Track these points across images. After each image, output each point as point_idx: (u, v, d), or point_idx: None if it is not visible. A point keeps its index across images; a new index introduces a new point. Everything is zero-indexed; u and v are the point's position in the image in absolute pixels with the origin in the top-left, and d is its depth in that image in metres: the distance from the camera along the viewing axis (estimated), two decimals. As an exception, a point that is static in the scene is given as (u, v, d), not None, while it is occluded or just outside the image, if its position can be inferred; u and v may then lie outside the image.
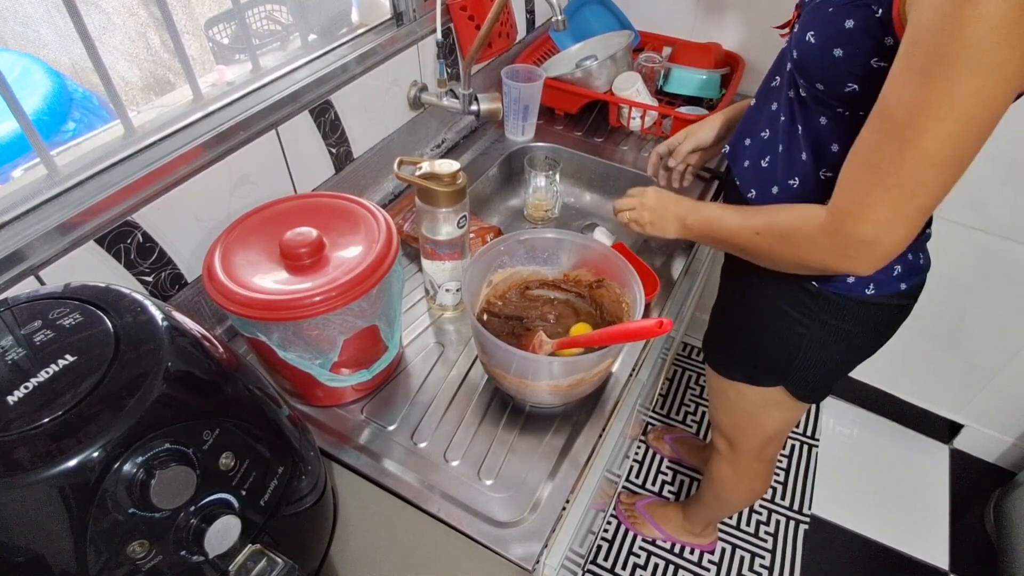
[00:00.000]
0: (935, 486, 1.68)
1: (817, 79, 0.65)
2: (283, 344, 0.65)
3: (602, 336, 0.67)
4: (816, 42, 0.63)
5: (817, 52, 0.64)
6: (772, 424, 1.00)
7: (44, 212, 0.63)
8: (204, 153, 0.75)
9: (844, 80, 0.62)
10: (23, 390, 0.40)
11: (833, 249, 0.62)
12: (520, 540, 0.64)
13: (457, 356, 0.83)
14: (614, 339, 0.66)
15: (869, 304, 0.77)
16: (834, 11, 0.61)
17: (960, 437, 1.73)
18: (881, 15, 0.57)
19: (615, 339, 0.66)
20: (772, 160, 0.78)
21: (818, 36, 0.63)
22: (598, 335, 0.68)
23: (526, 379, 0.69)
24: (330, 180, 0.97)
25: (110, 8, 1.65)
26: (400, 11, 1.02)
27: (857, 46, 0.60)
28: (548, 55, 1.40)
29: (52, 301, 0.47)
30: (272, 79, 0.86)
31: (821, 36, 0.63)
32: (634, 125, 1.27)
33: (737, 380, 0.96)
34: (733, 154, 0.86)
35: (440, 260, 0.82)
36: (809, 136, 0.71)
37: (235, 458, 0.47)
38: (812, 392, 0.92)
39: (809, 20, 0.65)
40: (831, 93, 0.65)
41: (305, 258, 0.64)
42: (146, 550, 0.42)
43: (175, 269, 0.77)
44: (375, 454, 0.71)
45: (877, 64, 0.59)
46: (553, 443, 0.73)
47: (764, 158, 0.79)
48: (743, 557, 1.52)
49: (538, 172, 1.10)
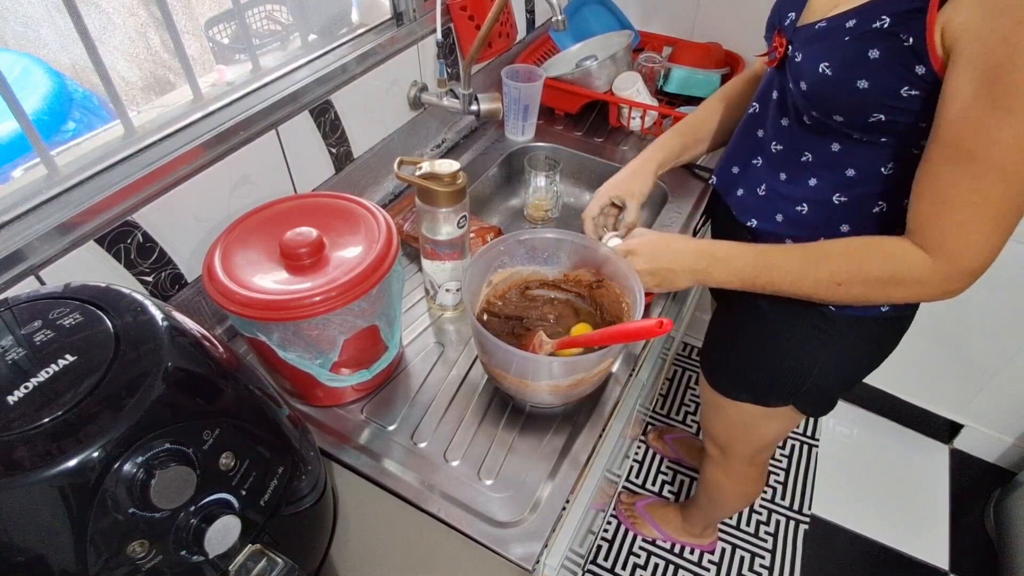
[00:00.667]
0: (935, 486, 1.68)
1: (836, 111, 0.63)
2: (283, 344, 0.65)
3: (602, 336, 0.67)
4: (834, 74, 0.61)
5: (837, 84, 0.61)
6: (770, 434, 1.00)
7: (44, 212, 0.63)
8: (204, 153, 0.75)
9: (869, 111, 0.61)
10: (23, 390, 0.40)
11: (943, 285, 0.61)
12: (520, 540, 0.64)
13: (457, 356, 0.83)
14: (614, 339, 0.66)
15: (883, 320, 0.77)
16: (852, 40, 0.59)
17: (960, 437, 1.73)
18: (913, 44, 0.56)
19: (615, 339, 0.66)
20: (770, 188, 0.76)
21: (836, 67, 0.61)
22: (598, 335, 0.68)
23: (526, 379, 0.69)
24: (330, 180, 0.97)
25: (110, 8, 1.65)
26: (400, 11, 1.02)
27: (885, 77, 0.58)
28: (548, 55, 1.40)
29: (52, 301, 0.47)
30: (272, 79, 0.86)
31: (840, 67, 0.60)
32: (634, 125, 1.27)
33: (743, 400, 0.94)
34: (723, 185, 0.85)
35: (440, 260, 0.82)
36: (819, 163, 0.70)
37: (235, 458, 0.47)
38: (822, 407, 0.91)
39: (818, 49, 0.63)
40: (852, 124, 0.63)
41: (305, 258, 0.64)
42: (146, 550, 0.42)
43: (175, 269, 0.77)
44: (375, 454, 0.71)
45: (908, 93, 0.58)
46: (553, 443, 0.73)
47: (760, 186, 0.78)
48: (743, 557, 1.52)
49: (538, 172, 1.10)
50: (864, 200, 0.70)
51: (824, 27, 0.63)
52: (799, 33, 0.67)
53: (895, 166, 0.66)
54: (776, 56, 0.71)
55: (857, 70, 0.59)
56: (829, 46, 0.61)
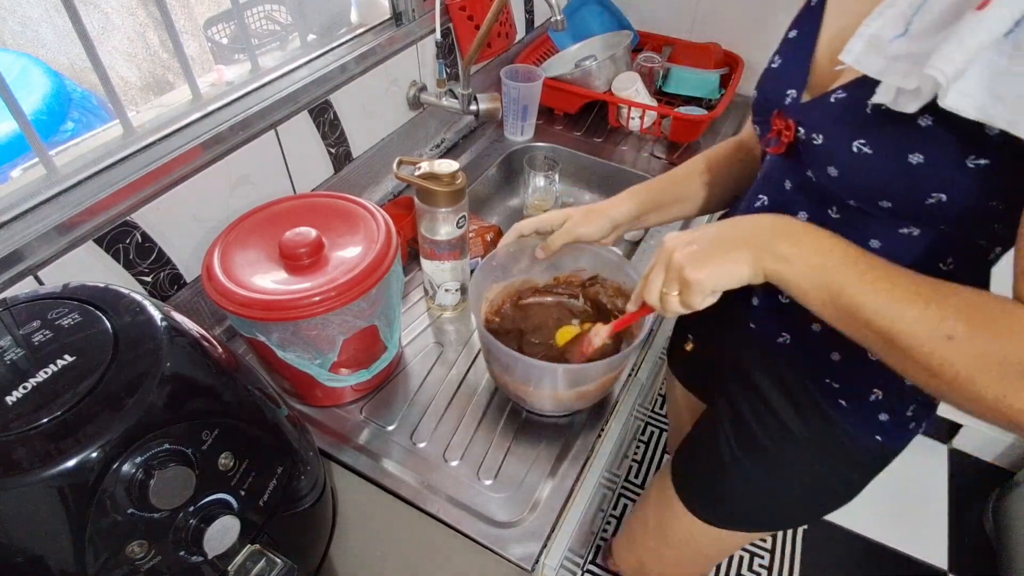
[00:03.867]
0: (934, 486, 1.68)
1: (884, 196, 0.50)
2: (282, 344, 0.65)
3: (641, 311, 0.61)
4: (875, 150, 0.48)
5: (882, 163, 0.48)
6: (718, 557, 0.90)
7: (43, 212, 0.63)
8: (203, 153, 0.75)
9: (927, 190, 0.47)
10: (22, 390, 0.40)
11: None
12: (519, 540, 0.64)
13: (456, 356, 0.83)
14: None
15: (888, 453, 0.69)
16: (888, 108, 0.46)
17: (959, 437, 1.73)
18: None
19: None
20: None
21: (876, 143, 0.48)
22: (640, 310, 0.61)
23: (558, 390, 0.69)
24: (329, 180, 0.97)
25: (109, 8, 1.65)
26: (399, 11, 1.02)
27: (944, 146, 0.45)
28: (547, 55, 1.40)
29: (51, 301, 0.47)
30: (271, 79, 0.86)
31: (882, 142, 0.48)
32: (633, 125, 1.27)
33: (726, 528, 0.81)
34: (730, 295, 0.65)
35: (439, 260, 0.82)
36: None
37: (234, 458, 0.47)
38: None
39: (843, 126, 0.50)
40: (904, 210, 0.50)
41: (304, 258, 0.64)
42: (145, 550, 0.42)
43: (174, 269, 0.77)
44: (374, 454, 0.71)
45: (974, 163, 0.44)
46: (552, 443, 0.73)
47: (781, 294, 0.63)
48: (742, 557, 1.52)
49: (537, 172, 1.10)
50: None
51: (845, 97, 0.50)
52: (810, 110, 0.54)
53: (954, 262, 0.53)
54: (783, 142, 0.57)
55: (907, 144, 0.46)
56: (859, 120, 0.49)
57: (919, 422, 0.65)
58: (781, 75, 0.59)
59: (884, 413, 0.63)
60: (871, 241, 0.53)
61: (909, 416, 0.63)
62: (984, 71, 0.40)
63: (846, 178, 0.51)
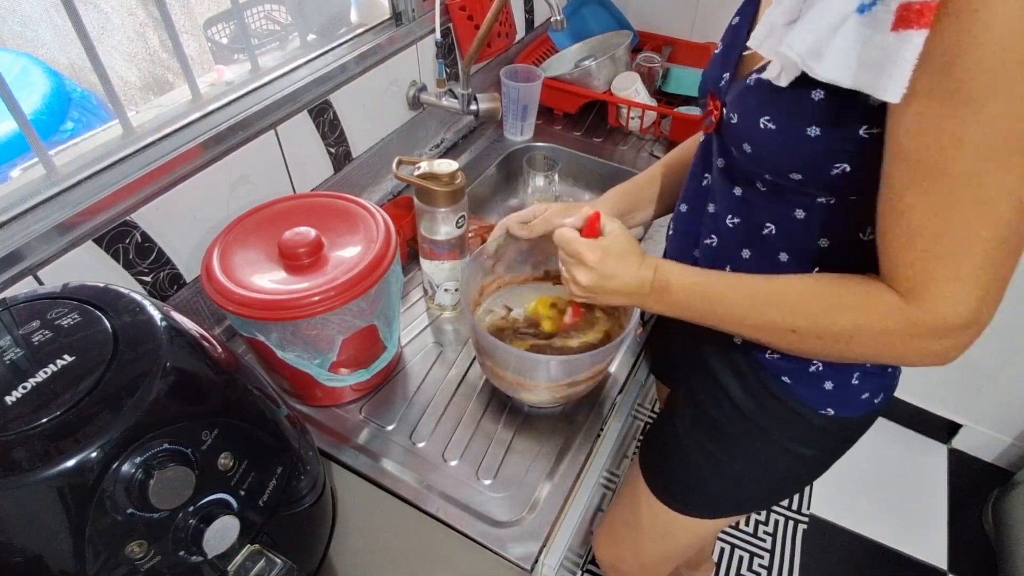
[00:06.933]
0: (934, 486, 1.68)
1: (792, 168, 0.53)
2: (282, 344, 0.65)
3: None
4: (778, 126, 0.52)
5: (784, 137, 0.52)
6: (694, 544, 0.89)
7: (42, 212, 0.63)
8: (203, 153, 0.75)
9: (829, 162, 0.51)
10: (21, 390, 0.40)
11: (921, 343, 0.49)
12: (519, 540, 0.64)
13: (456, 356, 0.83)
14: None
15: (865, 419, 0.70)
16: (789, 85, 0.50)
17: (959, 437, 1.73)
18: None
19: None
20: (737, 269, 0.65)
21: (778, 119, 0.52)
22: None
23: (527, 379, 0.69)
24: (329, 180, 0.97)
25: (109, 8, 1.65)
26: (399, 11, 1.02)
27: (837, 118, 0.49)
28: (547, 55, 1.40)
29: (50, 301, 0.47)
30: (271, 79, 0.86)
31: (783, 118, 0.51)
32: (633, 125, 1.27)
33: (693, 515, 0.81)
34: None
35: (439, 260, 0.82)
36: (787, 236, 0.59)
37: (234, 458, 0.47)
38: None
39: (753, 105, 0.54)
40: (814, 181, 0.53)
41: (304, 258, 0.64)
42: (145, 550, 0.42)
43: (174, 269, 0.77)
44: (374, 454, 0.71)
45: (867, 133, 0.47)
46: (552, 443, 0.73)
47: (724, 269, 0.65)
48: (742, 557, 1.52)
49: (537, 172, 1.10)
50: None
51: (755, 79, 0.54)
52: (731, 91, 0.58)
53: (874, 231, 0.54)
54: (712, 121, 0.62)
55: (805, 117, 0.50)
56: (764, 99, 0.52)
57: (874, 392, 0.66)
58: (719, 60, 0.63)
59: (828, 381, 0.64)
60: (796, 211, 0.57)
61: (855, 385, 0.64)
62: (856, 43, 0.44)
63: (758, 154, 0.55)
